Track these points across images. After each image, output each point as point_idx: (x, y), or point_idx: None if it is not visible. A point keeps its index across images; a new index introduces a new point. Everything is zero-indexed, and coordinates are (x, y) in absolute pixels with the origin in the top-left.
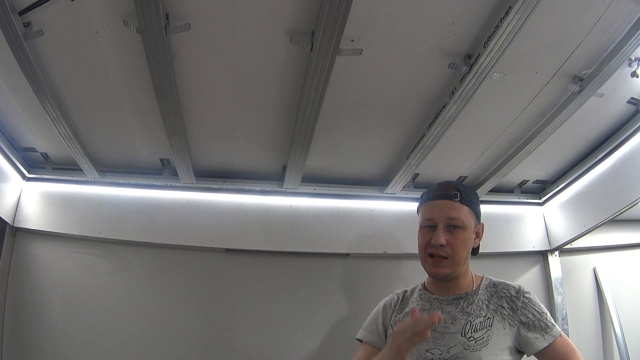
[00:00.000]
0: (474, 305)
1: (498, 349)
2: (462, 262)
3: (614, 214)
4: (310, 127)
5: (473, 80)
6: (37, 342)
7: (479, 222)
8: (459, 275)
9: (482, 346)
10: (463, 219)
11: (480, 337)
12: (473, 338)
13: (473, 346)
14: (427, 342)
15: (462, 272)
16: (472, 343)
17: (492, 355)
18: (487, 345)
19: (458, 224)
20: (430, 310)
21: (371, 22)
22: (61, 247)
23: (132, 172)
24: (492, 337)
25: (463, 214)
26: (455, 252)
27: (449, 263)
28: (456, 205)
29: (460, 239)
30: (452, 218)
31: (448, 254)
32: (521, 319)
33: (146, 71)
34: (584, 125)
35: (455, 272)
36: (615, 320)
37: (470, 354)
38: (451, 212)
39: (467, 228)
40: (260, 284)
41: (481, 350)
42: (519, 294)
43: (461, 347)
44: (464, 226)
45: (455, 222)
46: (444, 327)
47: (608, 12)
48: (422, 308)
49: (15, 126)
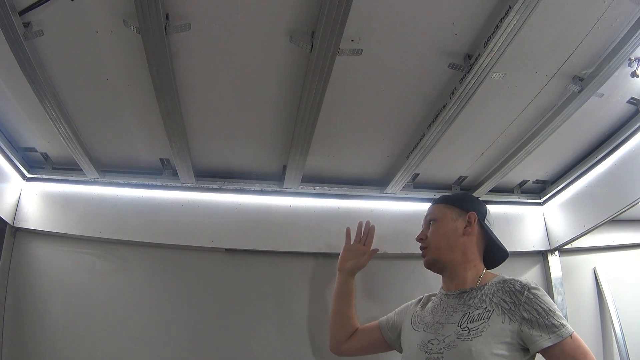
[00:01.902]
0: (476, 299)
1: (493, 342)
2: (442, 247)
3: (614, 214)
4: (310, 127)
5: (473, 80)
6: (37, 342)
7: (465, 212)
8: (455, 264)
9: (474, 336)
10: (436, 213)
11: (475, 327)
12: (467, 328)
13: (465, 336)
14: (429, 333)
15: (456, 261)
16: (465, 333)
17: (484, 346)
18: (480, 336)
19: (433, 217)
20: (439, 305)
21: (371, 22)
22: (61, 247)
23: (132, 172)
24: (488, 329)
25: (437, 210)
26: (432, 239)
27: (429, 251)
28: (434, 207)
29: (437, 227)
30: (429, 216)
31: (427, 243)
32: (523, 314)
33: (146, 71)
34: (584, 125)
35: (441, 258)
36: (615, 320)
37: (462, 343)
38: (430, 214)
39: (440, 219)
40: (260, 284)
41: (472, 340)
42: (524, 289)
43: (454, 336)
44: (439, 218)
45: (431, 216)
46: (445, 319)
47: (608, 12)
48: (434, 304)
49: (15, 126)
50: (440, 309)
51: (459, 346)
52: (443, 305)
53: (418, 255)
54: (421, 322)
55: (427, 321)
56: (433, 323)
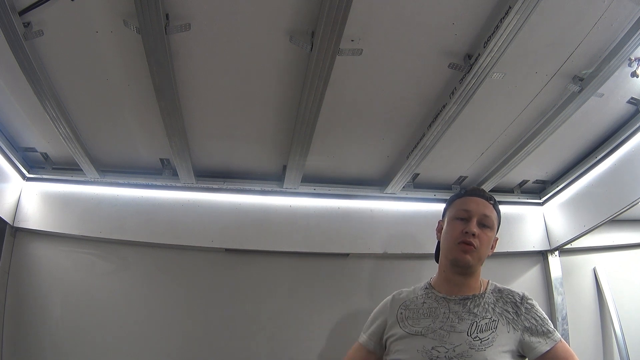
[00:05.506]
0: (480, 307)
1: (500, 351)
2: (482, 259)
3: (614, 214)
4: (310, 127)
5: (473, 80)
6: (37, 342)
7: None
8: (474, 274)
9: (487, 346)
10: (493, 220)
11: (486, 337)
12: (479, 338)
13: (479, 346)
14: (433, 339)
15: (477, 271)
16: (477, 343)
17: (495, 356)
18: (492, 346)
19: (489, 223)
20: (438, 308)
21: (371, 22)
22: (61, 247)
23: (132, 172)
24: (497, 338)
25: (493, 217)
26: (482, 246)
27: (476, 253)
28: (490, 207)
29: (488, 237)
30: (486, 215)
31: (477, 245)
32: (525, 324)
33: (146, 71)
34: (584, 125)
35: (476, 267)
36: (615, 320)
37: (476, 353)
38: (486, 210)
39: (493, 231)
40: (260, 284)
41: (486, 350)
42: (523, 301)
43: (467, 346)
44: (492, 227)
45: (487, 220)
46: (450, 326)
47: (608, 12)
48: (429, 306)
49: (15, 126)
50: (440, 314)
51: (473, 356)
52: (443, 309)
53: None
54: (416, 324)
55: (426, 325)
56: (435, 329)
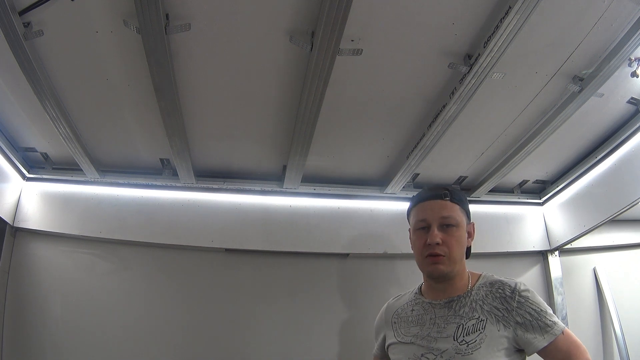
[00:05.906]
0: (466, 308)
1: (492, 351)
2: (458, 260)
3: (614, 214)
4: (310, 127)
5: (473, 80)
6: (37, 342)
7: (470, 222)
8: (455, 276)
9: (474, 349)
10: (455, 216)
11: (473, 340)
12: (465, 342)
13: (465, 350)
14: (421, 347)
15: (459, 272)
16: (464, 347)
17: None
18: (480, 348)
19: (451, 222)
20: (424, 315)
21: (371, 22)
22: (61, 247)
23: (132, 172)
24: (485, 339)
25: (455, 212)
26: (451, 250)
27: (446, 260)
28: (448, 205)
29: (455, 237)
30: (445, 217)
31: (445, 252)
32: (517, 319)
33: (146, 71)
34: (584, 125)
35: (453, 271)
36: (615, 320)
37: (462, 358)
38: (443, 211)
39: (460, 226)
40: (260, 284)
41: (473, 353)
42: (514, 294)
43: (453, 351)
44: (457, 224)
45: (449, 220)
46: (437, 332)
47: (608, 12)
48: (417, 314)
49: (15, 126)
50: (427, 320)
51: None
52: (430, 315)
53: None
54: (407, 333)
55: (415, 332)
56: (423, 335)
